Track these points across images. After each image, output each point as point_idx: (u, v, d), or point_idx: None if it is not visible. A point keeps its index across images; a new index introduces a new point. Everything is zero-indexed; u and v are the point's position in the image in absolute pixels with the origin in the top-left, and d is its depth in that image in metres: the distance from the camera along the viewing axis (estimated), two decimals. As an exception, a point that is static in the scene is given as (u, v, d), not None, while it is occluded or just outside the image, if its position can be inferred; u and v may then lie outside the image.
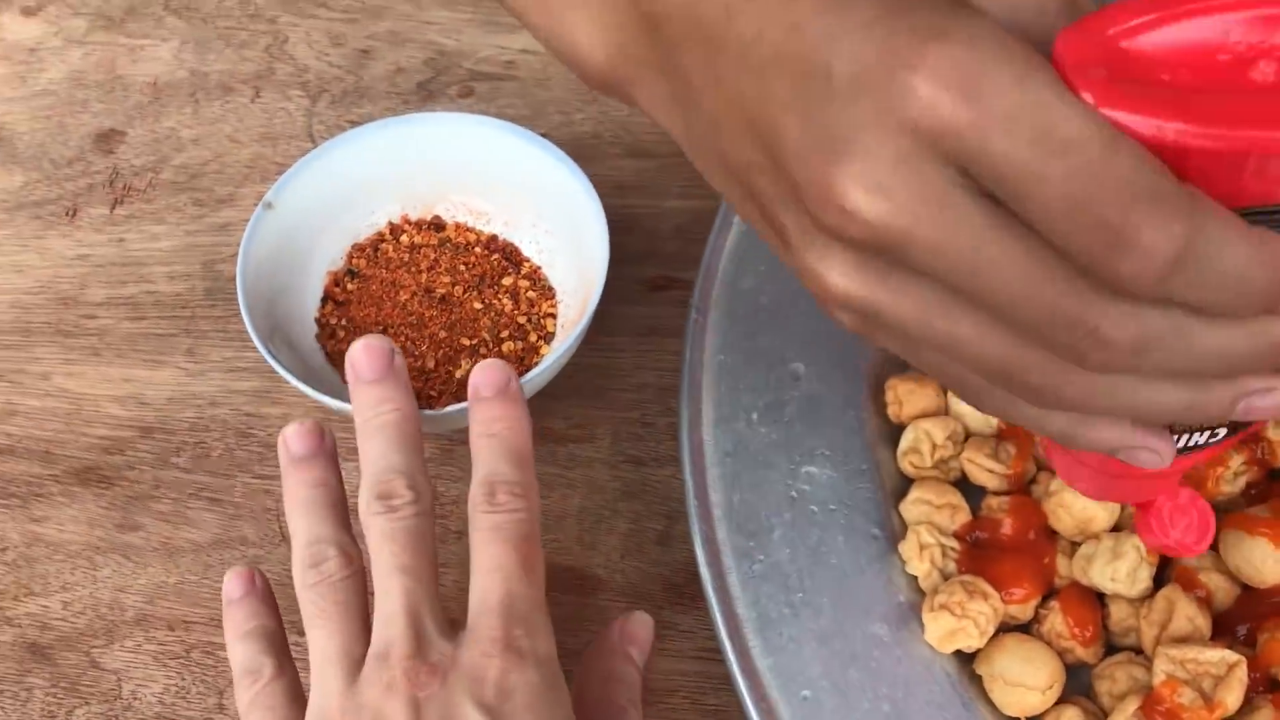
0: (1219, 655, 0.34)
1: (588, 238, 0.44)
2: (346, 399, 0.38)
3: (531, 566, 0.34)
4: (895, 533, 0.40)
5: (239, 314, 0.46)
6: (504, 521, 0.34)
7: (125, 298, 0.51)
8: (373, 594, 0.34)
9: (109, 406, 0.48)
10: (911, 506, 0.40)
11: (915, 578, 0.39)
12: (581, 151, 0.52)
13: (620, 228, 0.49)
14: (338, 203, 0.47)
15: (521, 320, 0.46)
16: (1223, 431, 0.28)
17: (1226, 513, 0.37)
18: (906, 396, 0.42)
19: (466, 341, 0.45)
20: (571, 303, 0.46)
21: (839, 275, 0.24)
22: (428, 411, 0.40)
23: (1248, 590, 0.37)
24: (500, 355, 0.44)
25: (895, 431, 0.42)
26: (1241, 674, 0.34)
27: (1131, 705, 0.35)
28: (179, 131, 0.56)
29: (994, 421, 0.41)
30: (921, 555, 0.38)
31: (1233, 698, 0.34)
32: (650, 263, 0.49)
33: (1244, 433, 0.28)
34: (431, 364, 0.44)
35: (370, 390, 0.37)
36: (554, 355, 0.42)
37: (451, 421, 0.41)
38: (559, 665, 0.34)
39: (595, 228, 0.44)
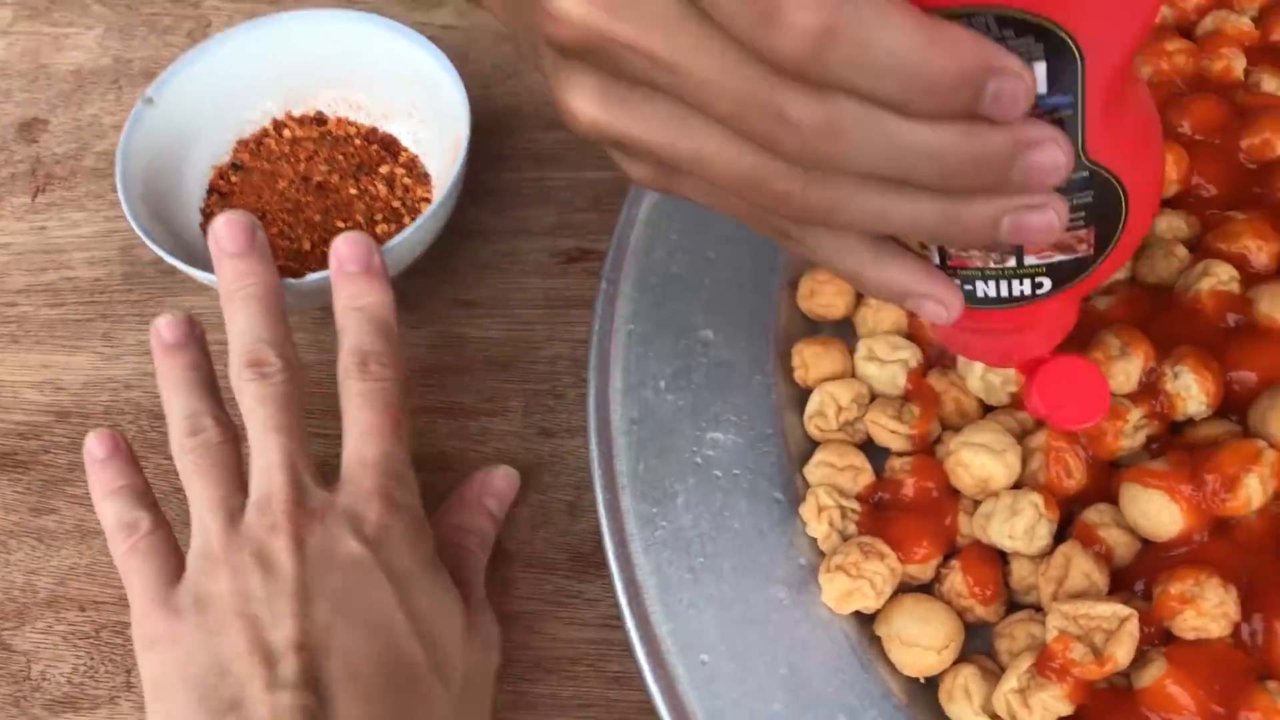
0: (1110, 610, 0.34)
1: (456, 126, 0.46)
2: None
3: (400, 429, 0.37)
4: (799, 496, 0.40)
5: (155, 298, 0.46)
6: (374, 389, 0.37)
7: (45, 285, 0.51)
8: (249, 456, 0.37)
9: (27, 393, 0.48)
10: (814, 469, 0.40)
11: (816, 540, 0.39)
12: (502, 124, 0.52)
13: (536, 200, 0.49)
14: (220, 99, 0.49)
15: (396, 205, 0.47)
16: (1038, 285, 0.28)
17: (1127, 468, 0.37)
18: (812, 360, 0.42)
19: (341, 224, 0.47)
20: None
21: (584, 102, 0.25)
22: (291, 281, 0.42)
23: (1147, 545, 0.37)
24: (372, 236, 0.45)
25: (803, 396, 0.42)
26: (1132, 628, 0.34)
27: (1025, 662, 0.35)
28: (101, 119, 0.55)
29: (900, 383, 0.41)
30: (820, 517, 0.38)
31: (1123, 651, 0.33)
32: (566, 235, 0.49)
33: (1075, 289, 0.29)
34: (307, 246, 0.46)
35: (234, 263, 0.39)
36: (416, 224, 0.43)
37: (316, 293, 0.43)
38: (424, 516, 0.37)
39: (461, 115, 0.45)
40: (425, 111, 0.48)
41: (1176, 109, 0.45)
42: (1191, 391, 0.37)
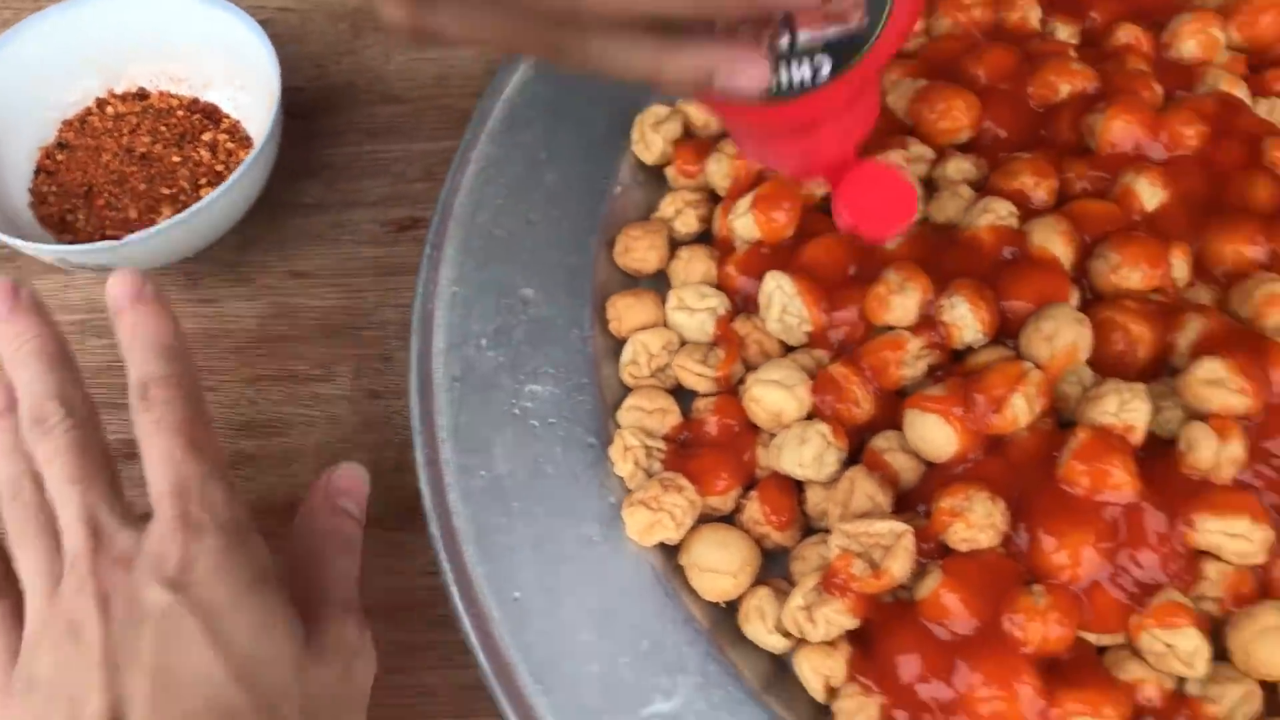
0: (887, 527, 0.36)
1: (270, 86, 0.47)
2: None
3: (197, 445, 0.36)
4: (611, 440, 0.41)
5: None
6: (160, 415, 0.36)
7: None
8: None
9: None
10: (625, 414, 0.42)
11: (624, 480, 0.40)
12: (336, 102, 0.53)
13: (369, 172, 0.50)
14: (36, 83, 0.50)
15: (219, 168, 0.49)
16: (817, 67, 0.29)
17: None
18: (626, 312, 0.43)
19: (166, 191, 0.49)
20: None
21: None
22: (117, 243, 0.43)
23: (931, 467, 0.39)
24: (197, 200, 0.46)
25: (618, 346, 0.44)
26: (908, 543, 0.36)
27: (811, 580, 0.37)
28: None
29: (709, 329, 0.43)
30: (626, 456, 0.40)
31: (898, 565, 0.36)
32: (398, 205, 0.50)
33: (858, 69, 0.29)
34: (134, 214, 0.48)
35: (5, 327, 0.38)
36: (236, 174, 0.44)
37: (143, 256, 0.44)
38: (246, 525, 0.35)
39: (270, 73, 0.47)
40: (244, 77, 0.50)
41: (973, 58, 0.47)
42: (967, 320, 0.39)
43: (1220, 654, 0.35)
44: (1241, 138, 0.43)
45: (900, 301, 0.39)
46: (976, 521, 0.36)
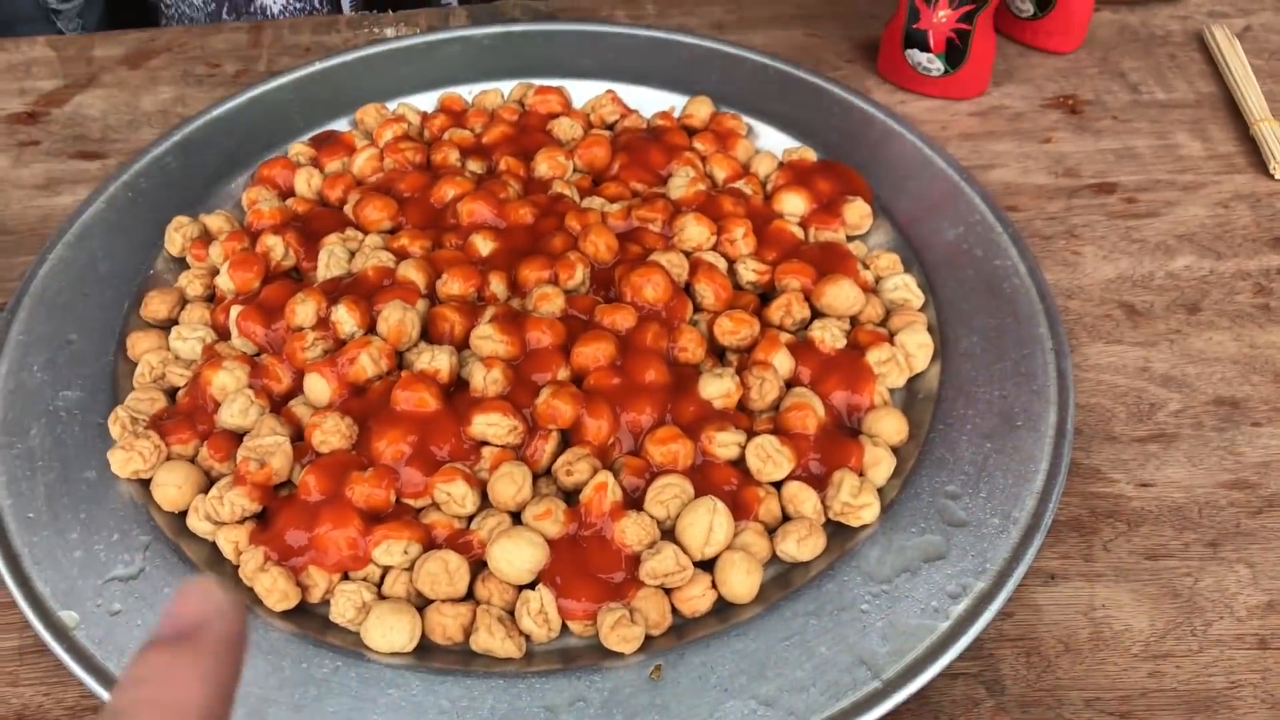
0: (273, 439, 0.55)
1: None
2: None
3: None
4: (116, 421, 0.60)
5: None
6: None
7: None
8: None
9: None
10: (130, 403, 0.60)
11: (115, 438, 0.59)
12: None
13: (-23, 277, 0.69)
14: None
15: None
16: None
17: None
18: (137, 342, 0.63)
19: None
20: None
21: None
22: None
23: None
24: None
25: (133, 368, 0.63)
26: (286, 449, 0.55)
27: (228, 479, 0.55)
28: None
29: (198, 350, 0.62)
30: (115, 421, 0.58)
31: (277, 461, 0.55)
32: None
33: None
34: None
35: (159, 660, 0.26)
36: None
37: None
38: None
39: None
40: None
41: (405, 182, 0.71)
42: (346, 319, 0.60)
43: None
44: (560, 216, 0.67)
45: (303, 310, 0.60)
46: (329, 429, 0.55)
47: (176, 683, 0.25)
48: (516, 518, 0.54)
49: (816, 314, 0.64)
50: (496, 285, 0.63)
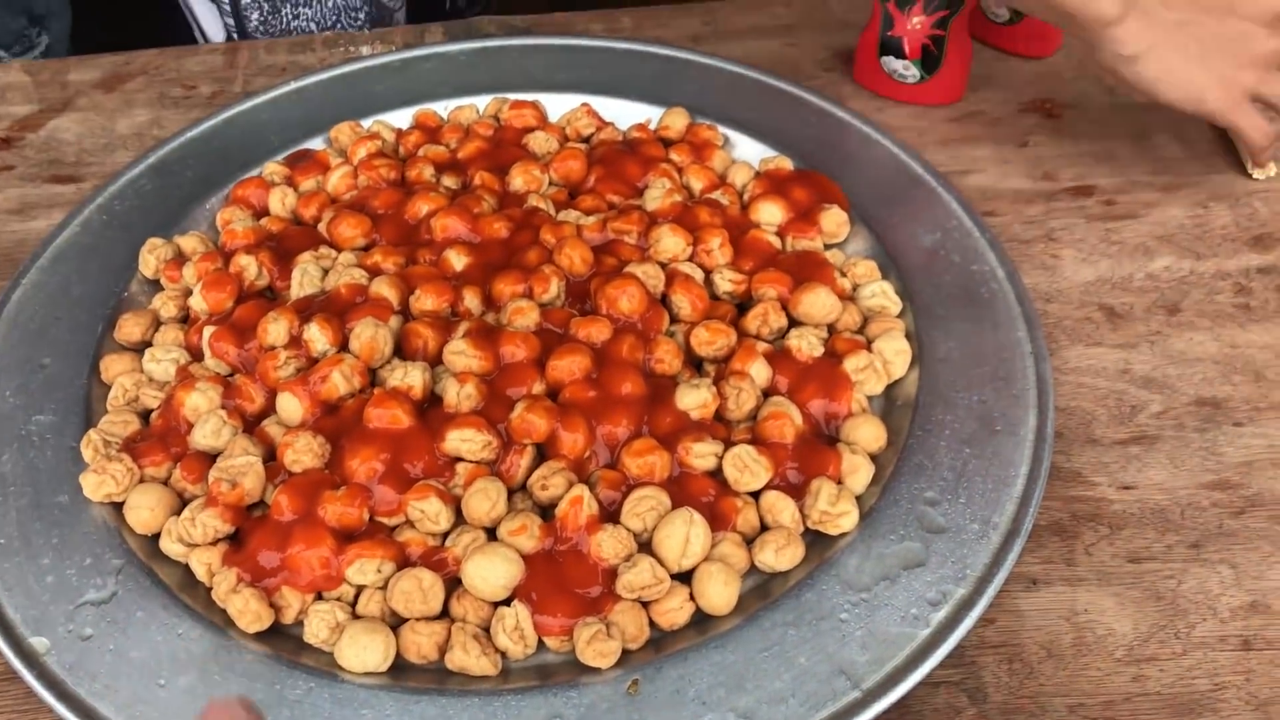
0: (244, 460, 0.55)
1: None
2: None
3: None
4: (88, 444, 0.59)
5: None
6: None
7: None
8: None
9: None
10: (103, 426, 0.60)
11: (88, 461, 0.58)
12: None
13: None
14: None
15: None
16: None
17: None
18: (111, 365, 0.62)
19: None
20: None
21: None
22: None
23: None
24: None
25: (107, 391, 0.62)
26: (258, 468, 0.55)
27: (199, 501, 0.55)
28: None
29: (171, 371, 0.62)
30: (88, 444, 0.58)
31: (249, 482, 0.54)
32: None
33: None
34: None
35: None
36: None
37: None
38: None
39: None
40: None
41: (379, 198, 0.70)
42: (318, 337, 0.59)
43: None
44: (534, 230, 0.67)
45: (275, 329, 0.60)
46: (301, 448, 0.55)
47: None
48: (492, 534, 0.54)
49: (794, 322, 0.64)
50: (470, 300, 0.62)
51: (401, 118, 0.80)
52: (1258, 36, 0.67)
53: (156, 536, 0.56)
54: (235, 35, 1.00)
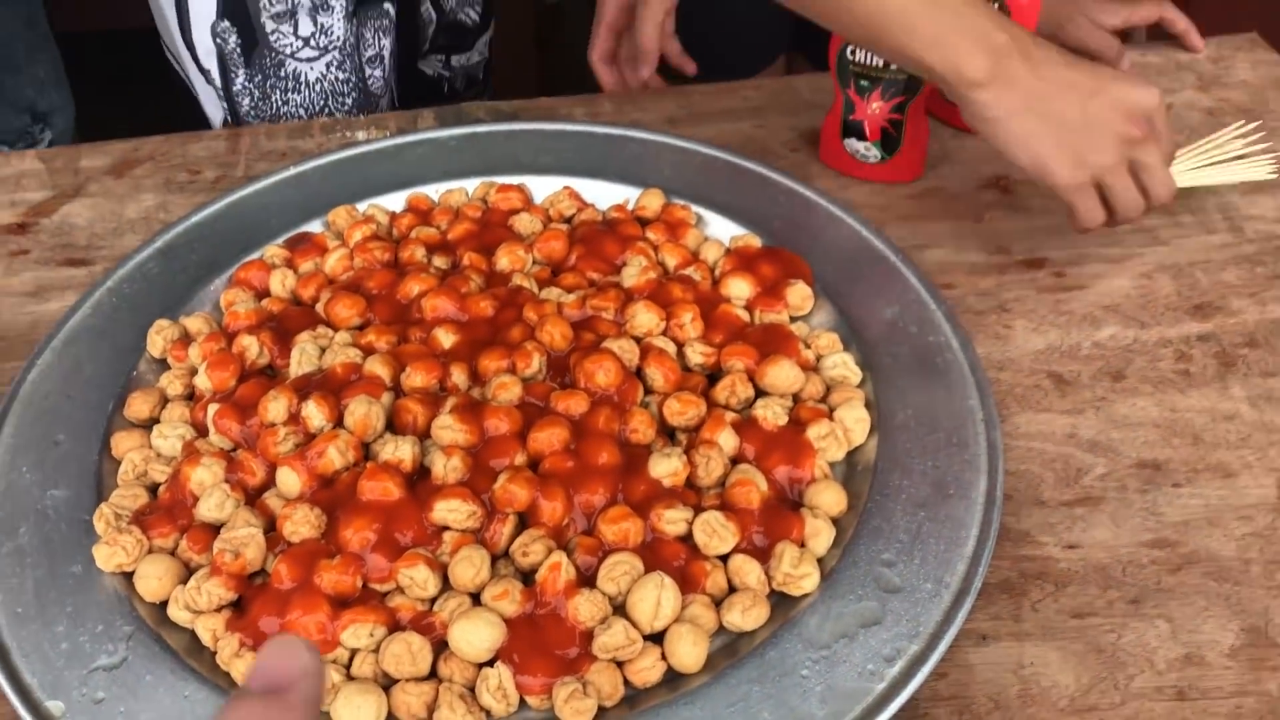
0: (246, 531, 0.59)
1: None
2: None
3: None
4: (100, 517, 0.63)
5: None
6: None
7: None
8: None
9: None
10: (114, 500, 0.64)
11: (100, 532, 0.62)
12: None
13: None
14: None
15: None
16: None
17: (290, 466, 0.63)
18: (121, 442, 0.66)
19: None
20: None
21: None
22: None
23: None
24: None
25: (118, 466, 0.67)
26: (259, 539, 0.59)
27: (205, 570, 0.59)
28: None
29: (178, 447, 0.66)
30: (100, 517, 0.62)
31: (251, 552, 0.58)
32: (-12, 401, 0.73)
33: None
34: None
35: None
36: None
37: None
38: None
39: None
40: None
41: (373, 279, 0.75)
42: (315, 414, 0.64)
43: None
44: (518, 308, 0.72)
45: (275, 406, 0.64)
46: (299, 520, 0.59)
47: None
48: (476, 598, 0.58)
49: (761, 392, 0.68)
50: (458, 376, 0.67)
51: (395, 200, 0.84)
52: (1115, 124, 0.71)
53: (165, 604, 0.60)
54: (229, 119, 1.05)
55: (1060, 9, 0.95)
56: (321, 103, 1.04)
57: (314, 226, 0.82)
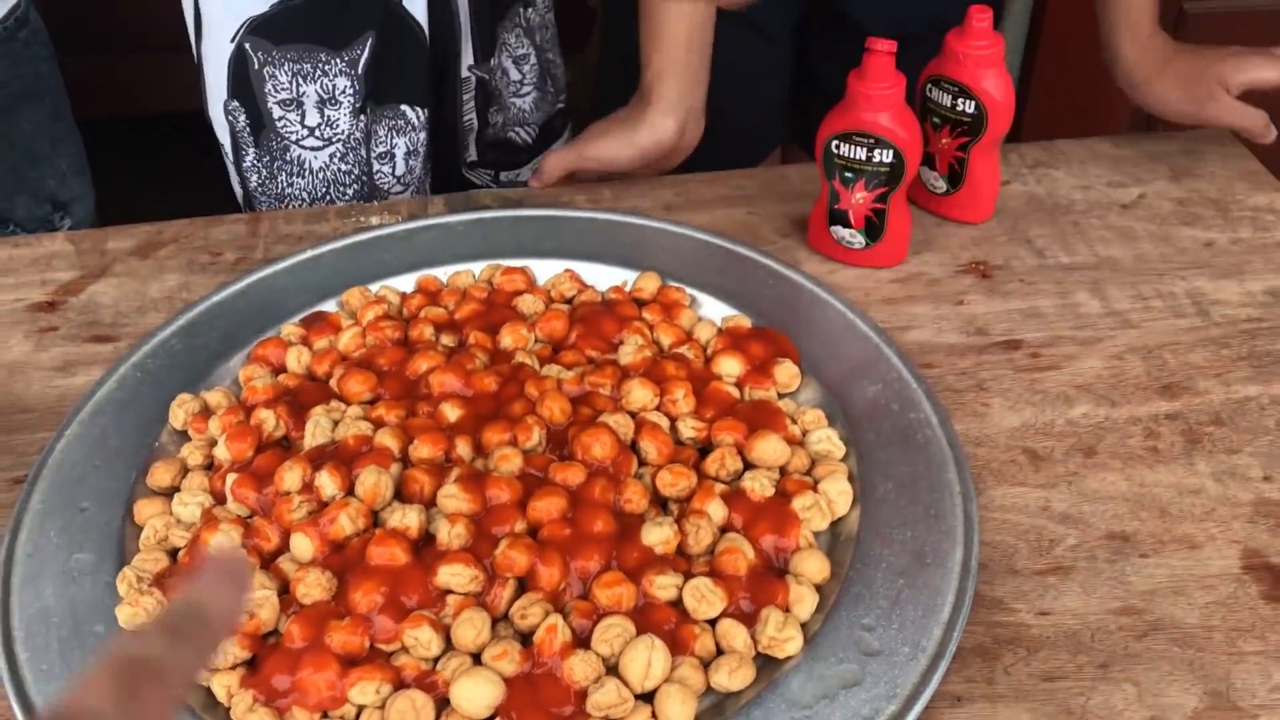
0: (262, 592, 0.62)
1: None
2: None
3: None
4: (122, 580, 0.67)
5: None
6: None
7: None
8: None
9: None
10: (136, 563, 0.67)
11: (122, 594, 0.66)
12: (-14, 415, 0.80)
13: (4, 449, 0.77)
14: None
15: None
16: None
17: (303, 532, 0.67)
18: (143, 509, 0.70)
19: None
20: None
21: None
22: None
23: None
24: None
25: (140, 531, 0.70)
26: (274, 600, 0.62)
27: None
28: None
29: (197, 515, 0.70)
30: (123, 579, 0.65)
31: (265, 613, 0.62)
32: (17, 469, 0.76)
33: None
34: None
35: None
36: None
37: None
38: None
39: None
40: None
41: (384, 356, 0.79)
42: (328, 483, 0.67)
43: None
44: (520, 384, 0.76)
45: (290, 476, 0.68)
46: (311, 583, 0.63)
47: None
48: (477, 658, 0.61)
49: (749, 465, 0.72)
50: (462, 448, 0.71)
51: (406, 282, 0.89)
52: None
53: (181, 662, 0.63)
54: (242, 191, 1.11)
55: (1197, 87, 0.98)
56: (324, 190, 1.09)
57: (329, 306, 0.87)
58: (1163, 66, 0.99)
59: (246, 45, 1.04)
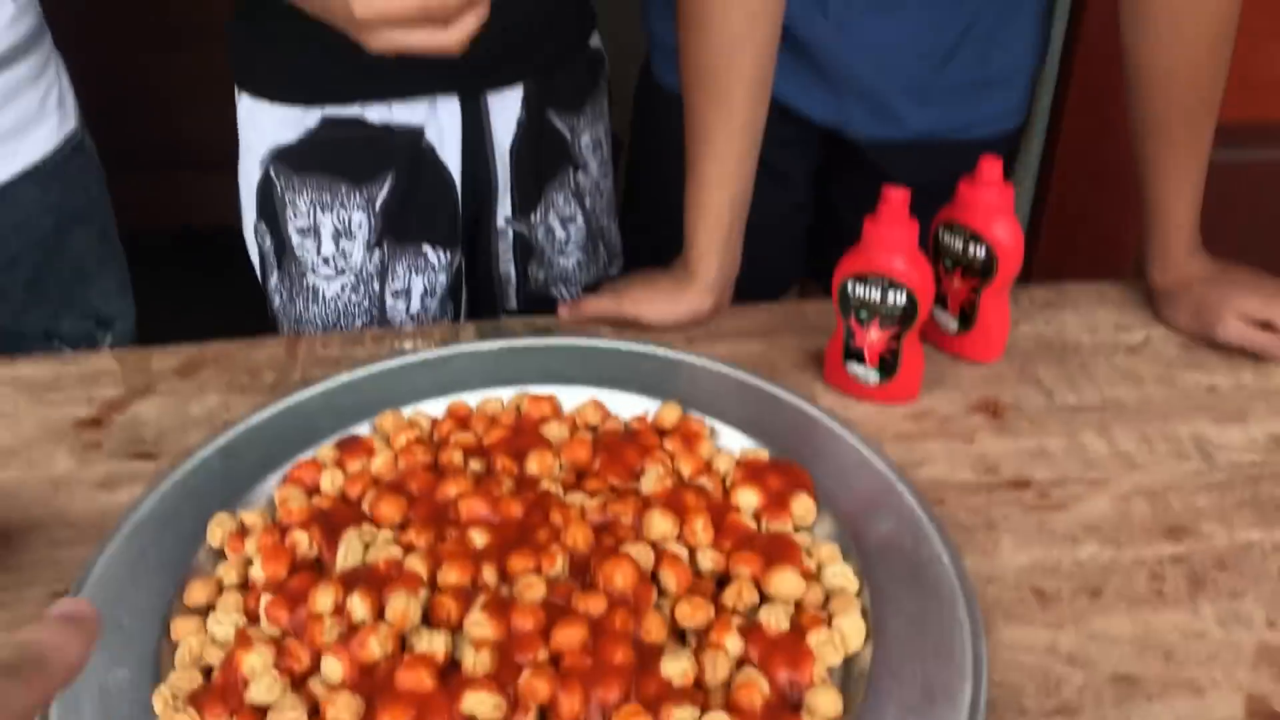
0: (291, 715, 0.65)
1: None
2: None
3: None
4: (157, 697, 0.69)
5: None
6: None
7: None
8: None
9: None
10: (172, 682, 0.70)
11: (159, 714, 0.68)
12: (32, 529, 0.83)
13: (46, 562, 0.80)
14: None
15: None
16: None
17: (333, 654, 0.69)
18: (179, 625, 0.73)
19: None
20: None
21: None
22: None
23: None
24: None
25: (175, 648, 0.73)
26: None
27: (250, 750, 0.64)
28: None
29: (231, 634, 0.72)
30: (159, 697, 0.68)
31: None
32: (60, 581, 0.79)
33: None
34: None
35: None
36: None
37: None
38: None
39: None
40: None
41: (415, 480, 0.83)
42: (359, 607, 0.70)
43: (469, 766, 0.64)
44: (545, 511, 0.79)
45: (323, 599, 0.71)
46: (341, 706, 0.65)
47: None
48: (499, 785, 0.63)
49: (765, 598, 0.74)
50: (488, 574, 0.74)
51: (437, 406, 0.93)
52: None
53: (212, 781, 0.65)
54: (269, 309, 1.16)
55: (1209, 312, 1.02)
56: (335, 319, 1.14)
57: (362, 429, 0.91)
58: (1181, 294, 1.04)
59: (271, 171, 1.10)
